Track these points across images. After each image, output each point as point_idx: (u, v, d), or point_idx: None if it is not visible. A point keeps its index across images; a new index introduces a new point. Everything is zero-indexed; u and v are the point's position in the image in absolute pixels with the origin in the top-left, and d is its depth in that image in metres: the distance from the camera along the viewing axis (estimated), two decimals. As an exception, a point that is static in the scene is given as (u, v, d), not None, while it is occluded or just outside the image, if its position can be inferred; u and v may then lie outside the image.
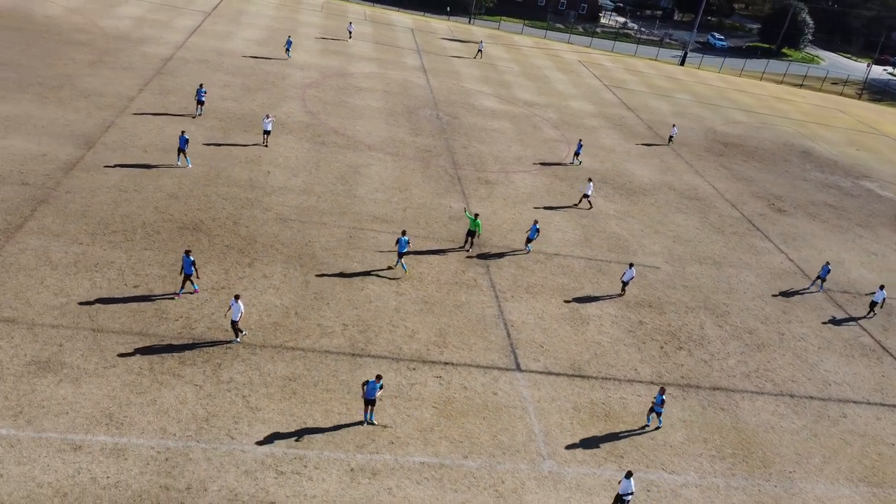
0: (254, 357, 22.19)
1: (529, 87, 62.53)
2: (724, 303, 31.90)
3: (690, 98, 71.68)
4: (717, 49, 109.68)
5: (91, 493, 16.54)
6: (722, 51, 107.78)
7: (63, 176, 30.35)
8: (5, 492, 16.16)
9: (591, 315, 28.68)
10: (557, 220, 36.48)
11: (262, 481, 17.87)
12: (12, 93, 37.50)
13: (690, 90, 75.62)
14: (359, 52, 61.88)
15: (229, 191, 32.17)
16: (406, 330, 25.19)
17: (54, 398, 18.98)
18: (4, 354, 20.08)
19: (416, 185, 37.04)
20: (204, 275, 25.69)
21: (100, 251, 25.76)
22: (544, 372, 24.62)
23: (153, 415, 19.15)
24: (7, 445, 17.32)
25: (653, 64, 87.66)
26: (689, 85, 78.43)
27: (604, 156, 47.93)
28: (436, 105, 51.48)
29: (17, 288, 22.92)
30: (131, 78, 43.41)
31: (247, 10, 68.94)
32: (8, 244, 25.08)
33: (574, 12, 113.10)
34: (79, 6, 56.80)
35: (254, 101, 44.10)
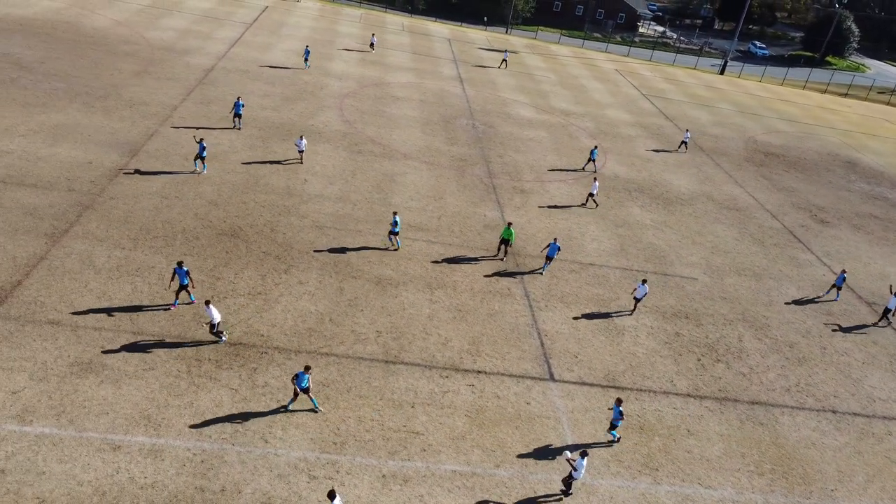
0: (289, 362, 22.43)
1: (566, 97, 62.29)
2: (764, 315, 31.21)
3: (731, 107, 70.58)
4: (759, 58, 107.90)
5: (129, 493, 16.88)
6: (763, 59, 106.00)
7: (107, 183, 31.19)
8: (47, 489, 16.60)
9: (627, 326, 28.33)
10: (593, 229, 36.18)
11: (295, 485, 18.02)
12: (62, 102, 38.73)
13: (731, 99, 74.47)
14: (396, 62, 62.43)
15: (267, 198, 32.67)
16: (439, 338, 25.21)
17: (95, 399, 19.45)
18: (49, 355, 20.67)
19: (451, 193, 37.14)
20: (241, 280, 26.11)
21: (141, 256, 26.38)
22: (578, 382, 24.38)
23: (190, 417, 19.49)
24: (50, 444, 17.80)
25: (692, 73, 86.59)
26: (730, 94, 77.24)
27: (641, 165, 47.44)
28: (472, 114, 51.61)
29: (62, 291, 23.59)
30: (174, 88, 44.48)
31: (286, 21, 70.15)
32: (54, 248, 25.85)
33: (612, 22, 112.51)
34: (126, 18, 58.49)
35: (292, 110, 44.78)
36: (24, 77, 41.28)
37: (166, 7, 65.28)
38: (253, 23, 66.39)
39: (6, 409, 18.55)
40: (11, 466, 16.99)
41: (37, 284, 23.68)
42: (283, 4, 78.37)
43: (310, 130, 41.86)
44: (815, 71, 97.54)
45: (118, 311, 23.10)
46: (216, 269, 26.56)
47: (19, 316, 22.03)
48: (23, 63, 43.42)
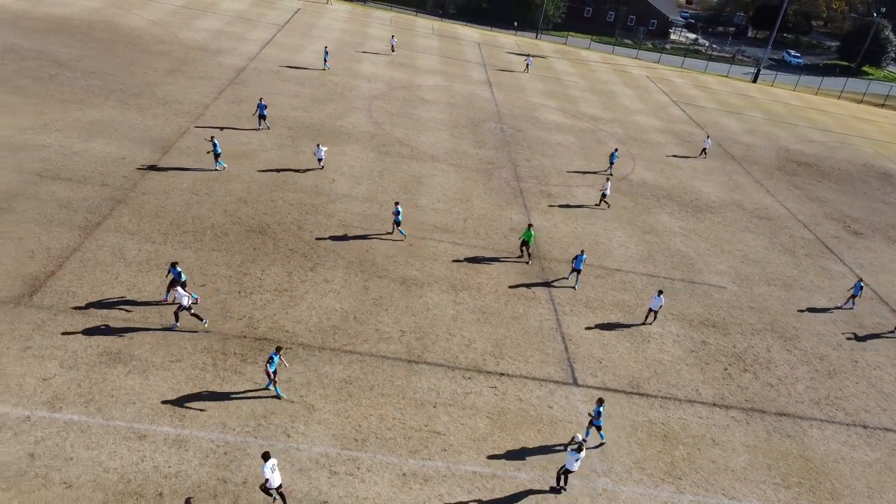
0: (312, 358, 22.57)
1: (595, 102, 61.97)
2: (794, 326, 30.67)
3: (762, 116, 69.62)
4: (793, 66, 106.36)
5: (153, 481, 17.10)
6: (797, 68, 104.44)
7: (140, 178, 31.71)
8: (74, 474, 16.88)
9: (653, 333, 28.03)
10: (620, 235, 35.90)
11: (316, 480, 18.11)
12: (97, 99, 39.50)
13: (763, 108, 73.46)
14: (425, 65, 62.64)
15: (295, 196, 32.95)
16: (463, 339, 25.18)
17: (123, 388, 19.75)
18: (79, 345, 21.04)
19: (477, 196, 37.12)
20: (268, 276, 26.35)
21: (171, 250, 26.75)
22: (602, 387, 24.17)
23: (214, 409, 19.69)
24: (78, 431, 18.11)
25: (724, 80, 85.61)
26: (762, 102, 76.20)
27: (670, 172, 46.98)
28: (500, 118, 51.58)
29: (94, 282, 24.02)
30: (207, 87, 45.12)
31: (317, 23, 70.81)
32: (87, 240, 26.33)
33: (643, 28, 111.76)
34: (161, 18, 59.50)
35: (322, 111, 45.15)
36: (62, 74, 42.19)
37: (201, 8, 66.30)
38: (285, 24, 67.12)
39: (37, 396, 18.92)
40: (40, 451, 17.31)
41: (69, 275, 24.14)
42: (315, 7, 79.15)
43: (339, 131, 42.17)
44: (850, 81, 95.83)
45: (147, 304, 23.45)
46: (244, 264, 26.84)
47: (52, 305, 22.47)
48: (61, 61, 44.37)
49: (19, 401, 18.66)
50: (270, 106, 43.70)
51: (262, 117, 39.54)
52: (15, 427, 17.86)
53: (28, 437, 17.67)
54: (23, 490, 16.29)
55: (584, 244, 33.96)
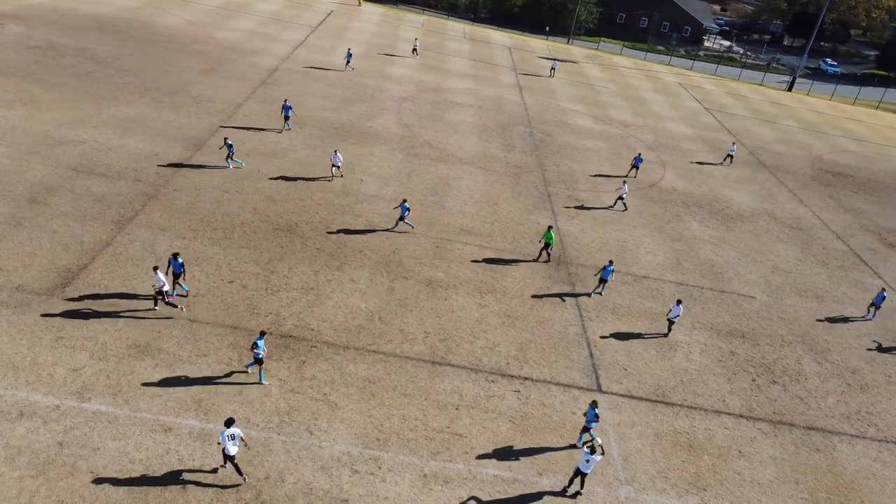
0: (337, 357, 22.66)
1: (625, 108, 61.49)
2: (825, 339, 30.05)
3: (797, 125, 68.46)
4: (829, 76, 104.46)
5: (177, 473, 17.28)
6: (834, 77, 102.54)
7: (172, 175, 32.18)
8: (101, 464, 17.14)
9: (680, 341, 27.66)
10: (648, 241, 35.52)
11: (337, 478, 18.16)
12: (132, 96, 40.21)
13: (797, 117, 72.24)
14: (455, 69, 62.73)
15: (323, 196, 33.17)
16: (487, 342, 25.10)
17: (150, 381, 20.02)
18: (109, 337, 21.39)
19: (505, 199, 37.02)
20: (294, 275, 26.55)
21: (200, 246, 27.09)
22: (626, 395, 23.90)
23: (239, 404, 19.86)
24: (106, 421, 18.39)
25: (758, 89, 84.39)
26: (797, 111, 74.95)
27: (700, 180, 46.40)
28: (529, 122, 51.42)
29: (125, 276, 24.40)
30: (240, 86, 45.68)
31: (350, 25, 71.32)
32: (119, 235, 26.79)
33: (677, 35, 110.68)
34: (197, 19, 60.42)
35: (352, 112, 45.43)
36: (99, 71, 43.03)
37: (235, 9, 67.20)
38: (318, 26, 67.72)
39: (67, 385, 19.26)
40: (69, 440, 17.62)
41: (101, 269, 24.56)
42: (348, 9, 79.77)
43: (368, 132, 42.39)
44: (889, 91, 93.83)
45: (176, 299, 23.74)
46: (271, 262, 27.07)
47: (84, 297, 22.88)
48: (98, 58, 45.27)
49: (50, 390, 19.02)
50: (300, 106, 44.11)
51: (286, 118, 39.63)
52: (45, 416, 18.20)
53: (57, 425, 17.99)
54: (51, 478, 16.58)
55: (612, 250, 33.67)
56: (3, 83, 38.38)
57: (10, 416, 17.99)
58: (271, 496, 17.27)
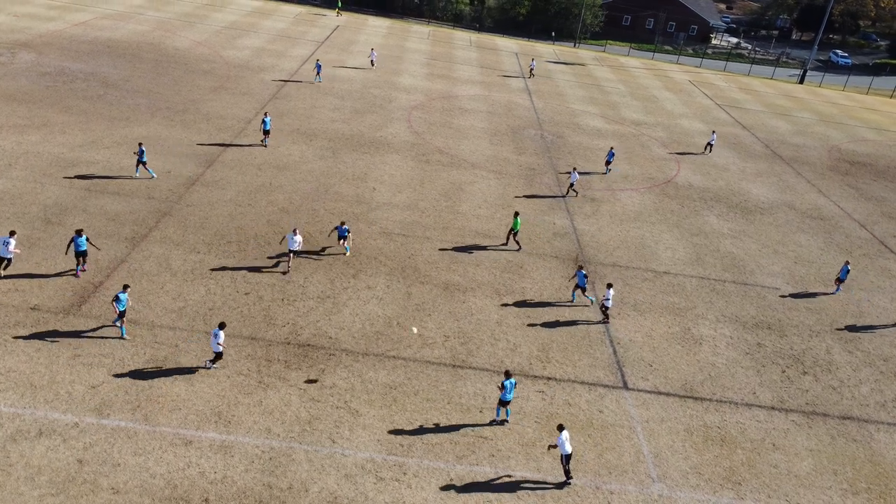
0: (356, 364, 22.33)
1: (637, 107, 61.00)
2: (855, 328, 29.27)
3: (812, 116, 67.58)
4: (841, 67, 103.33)
5: (199, 487, 16.98)
6: (846, 69, 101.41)
7: (185, 191, 32.15)
8: (122, 480, 16.87)
9: (705, 335, 27.05)
10: (667, 238, 34.95)
11: (362, 486, 17.76)
12: (144, 116, 40.39)
13: (812, 108, 71.35)
14: (464, 76, 62.64)
15: (336, 206, 32.98)
16: (508, 343, 24.66)
17: (169, 395, 19.78)
18: (126, 352, 21.20)
19: (519, 202, 36.62)
20: (311, 284, 26.29)
21: (215, 260, 26.94)
22: (654, 391, 23.33)
23: (259, 415, 19.56)
24: (125, 437, 18.15)
25: (769, 83, 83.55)
26: (810, 103, 74.05)
27: (717, 174, 45.76)
28: (540, 125, 51.09)
29: (141, 292, 24.27)
30: (249, 102, 45.80)
31: (357, 39, 71.57)
32: (134, 251, 26.71)
33: (684, 34, 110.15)
34: (205, 39, 60.87)
35: (362, 122, 45.36)
36: (110, 93, 43.32)
37: (243, 28, 67.67)
38: (324, 41, 68.00)
39: (86, 402, 19.07)
40: (89, 457, 17.38)
41: (117, 285, 24.42)
42: (354, 23, 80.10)
43: (379, 142, 42.25)
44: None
45: (192, 312, 23.58)
46: (287, 273, 26.84)
47: (100, 314, 22.75)
48: (109, 81, 45.61)
49: (69, 407, 18.83)
50: (311, 119, 44.12)
51: (265, 132, 38.25)
52: (64, 433, 17.99)
53: (77, 443, 17.77)
54: (71, 495, 16.33)
55: (630, 247, 33.16)
56: (17, 109, 38.70)
57: (29, 435, 17.80)
58: (295, 506, 16.91)
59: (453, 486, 18.24)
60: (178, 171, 33.95)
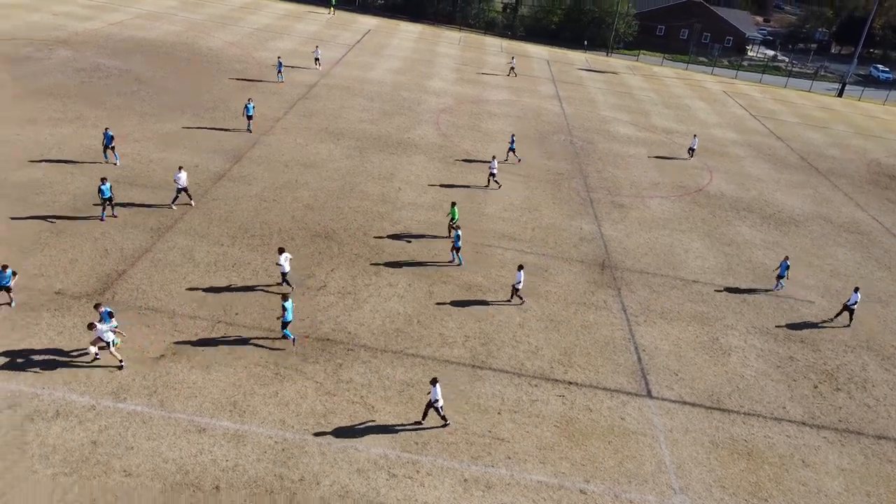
0: (374, 360, 22.03)
1: (668, 115, 60.13)
2: (893, 344, 28.22)
3: (850, 129, 65.99)
4: (882, 82, 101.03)
5: (210, 474, 16.79)
6: (887, 84, 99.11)
7: (211, 185, 32.28)
8: (134, 463, 16.75)
9: (733, 346, 26.27)
10: (697, 246, 34.17)
11: (374, 482, 17.41)
12: (174, 112, 40.78)
13: (850, 121, 69.71)
14: (493, 81, 62.40)
15: (361, 204, 32.84)
16: (529, 346, 24.17)
17: (185, 382, 19.68)
18: (146, 339, 21.18)
19: (546, 205, 36.16)
20: (332, 280, 26.12)
21: (238, 253, 26.90)
22: (678, 401, 22.65)
23: (274, 406, 19.35)
24: (140, 421, 18.05)
25: (806, 95, 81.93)
26: (849, 116, 72.36)
27: (750, 184, 44.77)
28: (570, 131, 50.57)
29: (163, 281, 24.30)
30: (279, 102, 46.02)
31: (388, 43, 71.80)
32: (159, 241, 26.80)
33: (719, 45, 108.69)
34: (238, 40, 61.51)
35: (390, 123, 45.29)
36: (143, 90, 43.85)
37: (276, 30, 68.30)
38: (355, 44, 68.32)
39: (104, 386, 19.03)
40: (103, 439, 17.30)
41: (140, 274, 24.52)
42: (386, 27, 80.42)
43: (406, 143, 42.13)
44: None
45: (213, 303, 23.52)
46: (309, 267, 26.72)
47: (122, 301, 22.80)
48: (142, 78, 46.20)
49: (86, 390, 18.81)
50: (340, 119, 44.20)
51: (249, 117, 39.19)
52: (80, 415, 17.95)
53: (92, 425, 17.72)
54: (84, 476, 16.24)
55: (659, 254, 32.48)
56: (52, 103, 39.31)
57: (46, 416, 17.79)
58: (306, 498, 16.60)
59: (467, 486, 17.81)
60: (205, 166, 34.12)
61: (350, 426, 19.11)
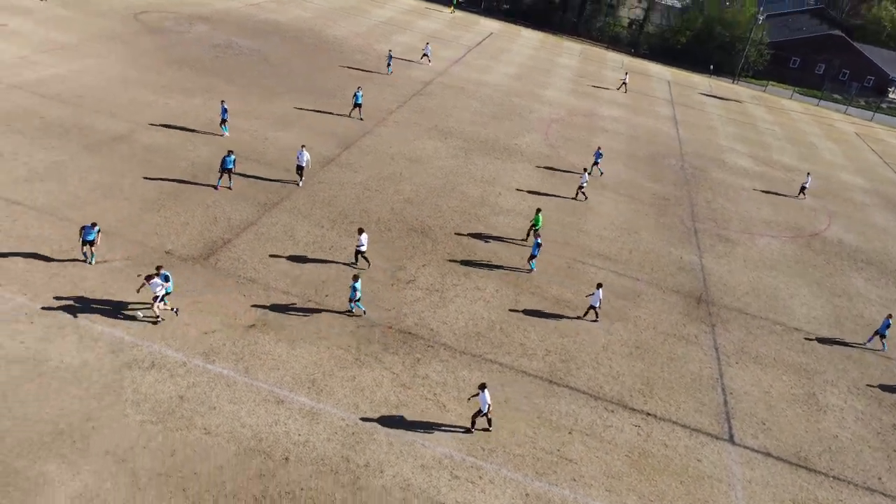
0: (452, 360, 22.13)
1: (791, 152, 57.08)
2: None
3: None
4: None
5: (282, 445, 17.38)
6: None
7: (320, 168, 33.38)
8: (214, 423, 17.57)
9: (832, 404, 24.62)
10: (804, 292, 32.27)
11: (436, 480, 17.49)
12: (295, 95, 42.47)
13: None
14: (608, 96, 61.27)
15: (460, 205, 33.06)
16: (610, 370, 23.58)
17: (271, 354, 20.46)
18: (240, 307, 22.18)
19: (647, 229, 35.16)
20: (421, 275, 26.43)
21: (335, 237, 27.70)
22: (762, 451, 21.47)
23: (350, 390, 19.79)
24: (225, 384, 18.92)
25: (950, 148, 75.58)
26: None
27: (873, 235, 41.82)
28: (682, 156, 48.94)
29: (263, 254, 25.36)
30: (393, 94, 47.03)
31: (508, 48, 71.90)
32: (264, 216, 28.00)
33: (857, 84, 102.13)
34: (362, 31, 63.32)
35: (499, 128, 45.35)
36: (268, 70, 45.92)
37: (400, 25, 69.81)
38: (475, 46, 68.83)
39: (197, 346, 20.08)
40: (190, 395, 18.26)
41: (243, 245, 25.70)
42: (508, 33, 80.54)
43: (512, 149, 42.05)
44: None
45: (306, 281, 24.32)
46: (401, 260, 27.17)
47: (223, 268, 23.98)
48: (269, 59, 48.38)
49: (181, 347, 19.91)
50: (450, 118, 44.69)
51: (357, 105, 40.25)
52: (172, 370, 19.02)
53: (182, 380, 18.73)
54: (168, 427, 17.19)
55: (761, 296, 30.90)
56: (187, 74, 41.84)
57: (143, 365, 18.96)
58: (368, 484, 16.89)
59: (528, 500, 17.57)
60: (317, 150, 35.32)
61: (420, 421, 19.28)
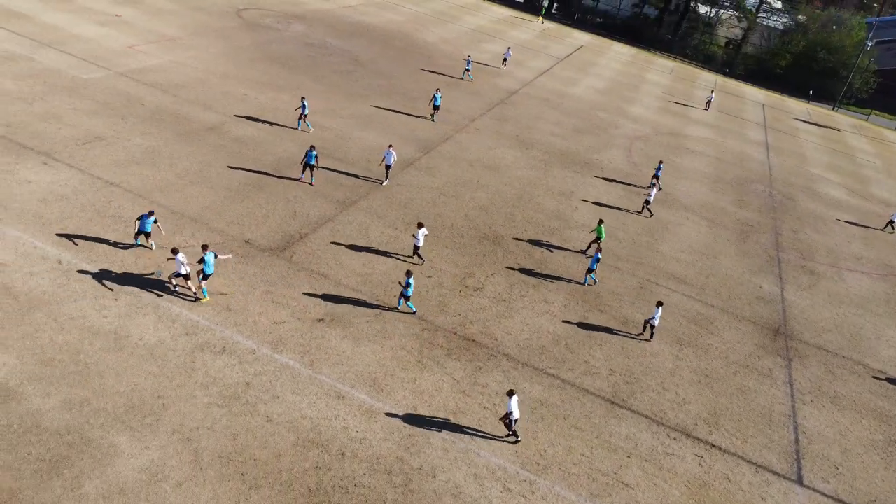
0: (514, 371, 22.04)
1: (891, 186, 54.00)
2: None
3: None
4: None
5: (339, 440, 17.73)
6: None
7: (399, 170, 33.90)
8: (276, 412, 18.12)
9: (914, 455, 23.14)
10: (892, 334, 30.46)
11: (488, 490, 17.44)
12: (380, 96, 43.32)
13: None
14: (697, 116, 59.63)
15: (535, 216, 32.90)
16: (676, 396, 22.92)
17: (335, 349, 20.92)
18: (310, 301, 22.78)
19: (726, 255, 34.00)
20: (490, 283, 26.45)
21: (409, 240, 28.05)
22: (832, 497, 20.38)
23: (410, 392, 20.00)
24: (290, 375, 19.48)
25: None
26: None
27: (975, 280, 39.03)
28: (771, 182, 47.09)
29: (337, 251, 25.97)
30: (477, 102, 47.27)
31: (596, 62, 71.07)
32: (341, 214, 28.67)
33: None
34: (452, 38, 63.94)
35: (580, 142, 44.88)
36: (357, 71, 47.01)
37: (490, 33, 70.12)
38: (564, 58, 68.36)
39: (266, 335, 20.76)
40: (256, 382, 18.89)
41: (318, 240, 26.39)
42: (599, 46, 79.61)
43: (592, 163, 41.53)
44: None
45: (376, 281, 24.75)
46: (470, 267, 27.26)
47: (298, 262, 24.70)
48: (358, 60, 49.53)
49: (251, 335, 20.63)
50: (532, 129, 44.55)
51: (435, 107, 41.24)
52: (242, 356, 19.73)
53: (249, 367, 19.40)
54: (233, 411, 17.84)
55: (845, 334, 29.37)
56: (280, 71, 43.35)
57: (214, 349, 19.75)
58: (420, 487, 17.02)
59: (580, 522, 17.31)
60: (397, 152, 35.80)
61: (476, 430, 19.29)
